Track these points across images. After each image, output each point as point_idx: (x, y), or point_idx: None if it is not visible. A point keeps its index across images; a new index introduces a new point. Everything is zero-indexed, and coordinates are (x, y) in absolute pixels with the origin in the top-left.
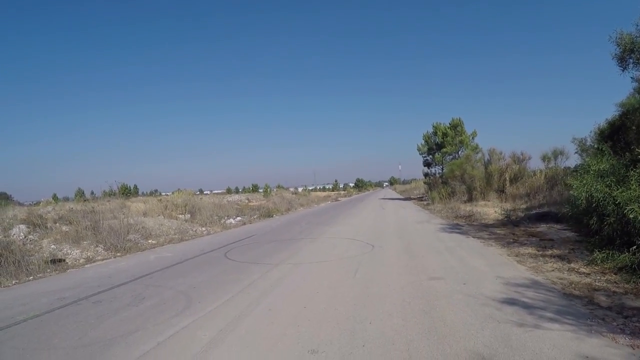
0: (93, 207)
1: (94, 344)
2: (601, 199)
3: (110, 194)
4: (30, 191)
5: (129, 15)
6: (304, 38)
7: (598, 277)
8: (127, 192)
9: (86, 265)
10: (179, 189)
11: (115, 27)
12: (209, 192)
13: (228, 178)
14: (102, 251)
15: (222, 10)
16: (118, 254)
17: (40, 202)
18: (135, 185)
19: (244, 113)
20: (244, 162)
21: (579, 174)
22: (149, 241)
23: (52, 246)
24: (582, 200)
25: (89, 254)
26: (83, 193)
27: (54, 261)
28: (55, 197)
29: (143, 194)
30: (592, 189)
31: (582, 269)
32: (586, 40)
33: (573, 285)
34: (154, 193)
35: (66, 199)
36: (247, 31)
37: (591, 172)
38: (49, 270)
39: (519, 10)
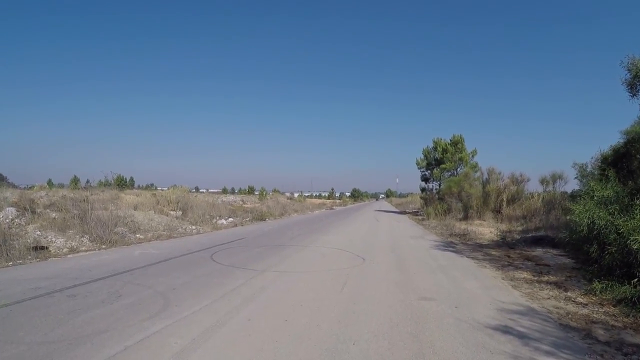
0: (86, 196)
1: (59, 341)
2: (603, 226)
3: (105, 184)
4: (26, 174)
5: (133, 8)
6: (307, 44)
7: (596, 309)
8: (123, 183)
9: (69, 255)
10: (174, 185)
11: (119, 18)
12: (204, 190)
13: (225, 178)
14: (87, 242)
15: (228, 8)
16: (103, 247)
17: (34, 186)
18: (131, 177)
19: (245, 114)
20: (243, 163)
21: (581, 199)
22: (137, 235)
23: (37, 232)
24: (583, 227)
25: (73, 243)
26: (78, 181)
27: (36, 248)
28: (50, 183)
29: (139, 187)
30: (595, 215)
31: (580, 299)
32: (592, 66)
33: (570, 315)
34: (149, 187)
35: (61, 186)
36: (251, 32)
37: (595, 198)
38: (30, 257)
39: (529, 32)
